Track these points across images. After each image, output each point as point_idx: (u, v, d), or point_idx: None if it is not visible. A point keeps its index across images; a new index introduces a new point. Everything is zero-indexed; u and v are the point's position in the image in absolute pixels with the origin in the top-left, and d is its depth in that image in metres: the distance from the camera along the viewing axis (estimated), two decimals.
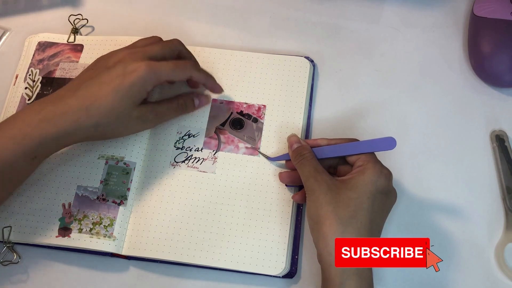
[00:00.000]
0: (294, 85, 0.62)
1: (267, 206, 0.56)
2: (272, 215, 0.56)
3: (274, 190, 0.57)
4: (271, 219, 0.55)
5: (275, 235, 0.55)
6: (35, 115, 0.50)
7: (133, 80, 0.51)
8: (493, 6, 0.63)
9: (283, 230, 0.55)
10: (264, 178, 0.57)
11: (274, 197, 0.56)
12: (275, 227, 0.55)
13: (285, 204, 0.56)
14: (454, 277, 0.54)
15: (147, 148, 0.60)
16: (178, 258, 0.55)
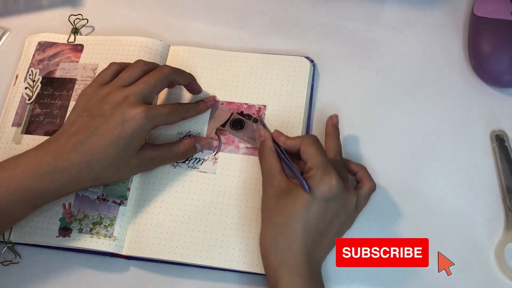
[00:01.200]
0: (294, 85, 0.62)
1: None
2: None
3: None
4: None
5: None
6: (37, 168, 0.50)
7: (132, 130, 0.51)
8: (493, 6, 0.63)
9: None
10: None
11: None
12: None
13: None
14: (454, 277, 0.54)
15: None
16: (178, 258, 0.55)
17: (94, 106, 0.53)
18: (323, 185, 0.48)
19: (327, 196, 0.49)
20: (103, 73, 0.56)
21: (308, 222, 0.48)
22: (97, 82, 0.56)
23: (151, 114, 0.52)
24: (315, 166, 0.50)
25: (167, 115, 0.54)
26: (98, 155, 0.51)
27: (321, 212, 0.49)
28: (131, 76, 0.55)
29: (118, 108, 0.52)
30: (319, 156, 0.50)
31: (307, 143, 0.52)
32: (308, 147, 0.51)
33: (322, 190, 0.48)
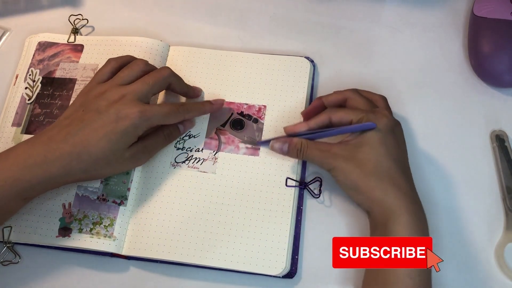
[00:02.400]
0: (294, 85, 0.62)
1: (267, 206, 0.56)
2: (272, 215, 0.56)
3: (274, 190, 0.57)
4: (271, 219, 0.55)
5: (275, 235, 0.55)
6: (26, 158, 0.50)
7: (126, 127, 0.51)
8: (493, 6, 0.63)
9: (283, 230, 0.55)
10: (265, 178, 0.57)
11: (274, 197, 0.56)
12: (275, 227, 0.55)
13: (285, 204, 0.56)
14: (454, 277, 0.54)
15: None
16: (178, 258, 0.55)
17: (91, 101, 0.54)
18: (382, 118, 0.52)
19: (390, 126, 0.52)
20: (101, 70, 0.57)
21: (393, 155, 0.51)
22: (96, 79, 0.56)
23: (147, 115, 0.52)
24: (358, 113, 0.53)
25: (164, 116, 0.54)
26: (90, 147, 0.51)
27: (394, 141, 0.52)
28: (130, 75, 0.55)
29: (114, 105, 0.52)
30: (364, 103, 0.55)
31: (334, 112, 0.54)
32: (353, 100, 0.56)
33: (384, 122, 0.52)
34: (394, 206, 0.49)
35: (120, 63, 0.57)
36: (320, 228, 0.57)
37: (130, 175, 0.58)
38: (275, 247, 0.54)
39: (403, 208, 0.49)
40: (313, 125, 0.55)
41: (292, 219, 0.56)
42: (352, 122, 0.53)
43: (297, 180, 0.57)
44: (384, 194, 0.50)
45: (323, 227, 0.57)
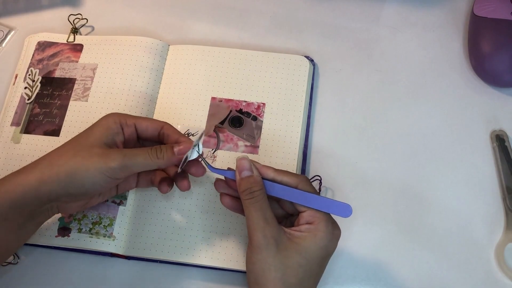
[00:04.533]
0: (294, 83, 0.62)
1: None
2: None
3: None
4: None
5: None
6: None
7: (97, 122, 0.49)
8: (493, 6, 0.63)
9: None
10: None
11: None
12: None
13: None
14: (454, 277, 0.54)
15: None
16: (177, 258, 0.54)
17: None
18: (335, 239, 0.47)
19: (333, 250, 0.47)
20: None
21: (318, 277, 0.47)
22: None
23: (120, 115, 0.50)
24: (322, 217, 0.46)
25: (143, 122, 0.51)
26: (60, 147, 0.49)
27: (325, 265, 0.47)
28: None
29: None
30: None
31: (306, 184, 0.48)
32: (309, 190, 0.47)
33: (333, 245, 0.47)
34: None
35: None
36: None
37: None
38: None
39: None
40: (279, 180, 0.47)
41: None
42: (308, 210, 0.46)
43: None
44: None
45: None
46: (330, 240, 0.46)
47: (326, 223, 0.46)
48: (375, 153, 0.60)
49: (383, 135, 0.61)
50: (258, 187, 0.46)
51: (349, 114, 0.62)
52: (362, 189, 0.58)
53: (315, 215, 0.46)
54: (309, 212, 0.46)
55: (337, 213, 0.46)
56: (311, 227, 0.46)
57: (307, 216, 0.46)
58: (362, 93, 0.63)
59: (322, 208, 0.46)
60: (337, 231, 0.47)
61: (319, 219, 0.46)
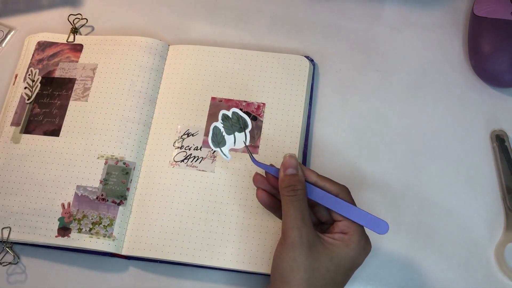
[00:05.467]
0: (293, 83, 0.62)
1: None
2: (271, 214, 0.55)
3: None
4: (271, 218, 0.55)
5: (275, 234, 0.55)
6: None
7: None
8: (493, 6, 0.63)
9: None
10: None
11: None
12: (275, 226, 0.55)
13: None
14: (454, 277, 0.54)
15: (146, 148, 0.60)
16: (178, 258, 0.54)
17: None
18: (365, 254, 0.47)
19: (361, 263, 0.47)
20: None
21: (343, 285, 0.47)
22: None
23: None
24: (357, 230, 0.46)
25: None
26: None
27: (350, 276, 0.48)
28: None
29: None
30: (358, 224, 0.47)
31: (346, 195, 0.48)
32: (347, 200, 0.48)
33: (362, 259, 0.47)
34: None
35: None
36: None
37: (129, 175, 0.58)
38: (275, 246, 0.54)
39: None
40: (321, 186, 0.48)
41: None
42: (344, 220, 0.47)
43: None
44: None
45: None
46: (360, 254, 0.46)
47: (360, 237, 0.46)
48: (375, 153, 0.60)
49: (383, 135, 0.61)
50: (301, 186, 0.47)
51: (349, 114, 0.62)
52: (362, 189, 0.58)
53: (351, 226, 0.46)
54: (345, 222, 0.47)
55: (374, 228, 0.47)
56: (345, 237, 0.46)
57: (342, 226, 0.47)
58: (362, 93, 0.63)
59: (359, 221, 0.47)
60: (368, 247, 0.47)
61: (354, 231, 0.46)
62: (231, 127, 0.51)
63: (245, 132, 0.50)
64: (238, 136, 0.51)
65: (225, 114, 0.51)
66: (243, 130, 0.51)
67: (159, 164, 0.59)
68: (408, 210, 0.57)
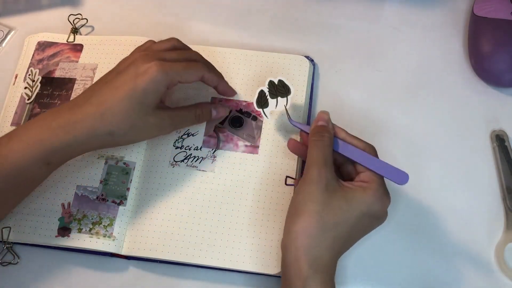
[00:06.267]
0: (294, 83, 0.61)
1: (267, 204, 0.56)
2: (272, 213, 0.55)
3: (274, 188, 0.57)
4: (271, 217, 0.55)
5: (275, 234, 0.55)
6: (51, 121, 0.50)
7: (145, 82, 0.50)
8: (493, 6, 0.63)
9: (283, 229, 0.55)
10: (264, 176, 0.57)
11: (274, 196, 0.56)
12: (275, 225, 0.55)
13: (285, 203, 0.56)
14: (454, 277, 0.54)
15: (146, 148, 0.60)
16: (178, 258, 0.54)
17: (117, 65, 0.54)
18: (382, 204, 0.48)
19: (379, 214, 0.49)
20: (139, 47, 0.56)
21: (354, 231, 0.48)
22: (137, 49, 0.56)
23: (165, 68, 0.51)
24: (377, 180, 0.49)
25: (183, 69, 0.52)
26: (113, 107, 0.50)
27: (366, 225, 0.49)
28: (161, 47, 0.55)
29: (134, 63, 0.51)
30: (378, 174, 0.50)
31: (372, 150, 0.51)
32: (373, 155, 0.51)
33: (378, 208, 0.48)
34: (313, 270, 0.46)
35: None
36: None
37: (129, 175, 0.58)
38: (275, 246, 0.54)
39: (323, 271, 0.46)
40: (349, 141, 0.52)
41: None
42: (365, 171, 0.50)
43: (297, 178, 0.57)
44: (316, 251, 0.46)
45: None
46: (376, 201, 0.48)
47: (378, 186, 0.49)
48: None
49: (383, 135, 0.61)
50: (328, 134, 0.51)
51: (349, 114, 0.62)
52: None
53: (371, 177, 0.49)
54: (367, 172, 0.50)
55: (393, 178, 0.49)
56: (364, 184, 0.49)
57: (363, 176, 0.50)
58: (362, 93, 0.63)
59: (380, 171, 0.49)
60: (385, 199, 0.49)
61: (374, 181, 0.49)
62: (276, 92, 0.55)
63: (287, 97, 0.55)
64: (280, 100, 0.55)
65: (272, 81, 0.55)
66: (285, 96, 0.55)
67: (159, 164, 0.59)
68: (408, 210, 0.57)
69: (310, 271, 0.46)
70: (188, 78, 0.53)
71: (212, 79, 0.56)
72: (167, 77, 0.51)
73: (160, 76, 0.50)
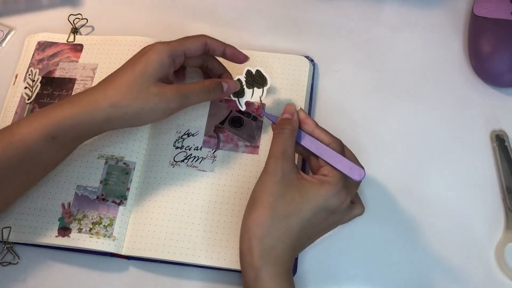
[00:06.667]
0: (294, 83, 0.62)
1: None
2: None
3: None
4: None
5: None
6: (59, 101, 0.52)
7: (147, 55, 0.52)
8: (493, 6, 0.63)
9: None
10: None
11: None
12: None
13: None
14: (454, 277, 0.54)
15: (146, 148, 0.60)
16: (178, 258, 0.55)
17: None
18: (338, 198, 0.48)
19: (336, 209, 0.48)
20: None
21: (308, 225, 0.48)
22: None
23: (169, 45, 0.53)
24: (337, 175, 0.48)
25: (184, 39, 0.55)
26: (116, 80, 0.51)
27: (322, 220, 0.49)
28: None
29: (143, 50, 0.54)
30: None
31: (337, 145, 0.50)
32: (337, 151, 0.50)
33: (335, 203, 0.48)
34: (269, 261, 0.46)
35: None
36: None
37: (129, 175, 0.58)
38: None
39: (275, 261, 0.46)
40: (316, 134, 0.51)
41: None
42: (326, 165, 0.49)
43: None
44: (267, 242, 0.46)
45: None
46: (333, 195, 0.47)
47: (338, 181, 0.48)
48: (375, 153, 0.60)
49: (383, 135, 0.61)
50: (290, 127, 0.50)
51: (349, 114, 0.62)
52: (362, 189, 0.58)
53: (332, 171, 0.48)
54: (328, 167, 0.49)
55: (350, 173, 0.48)
56: (323, 178, 0.48)
57: (324, 170, 0.49)
58: (362, 93, 0.63)
59: (337, 165, 0.48)
60: (344, 194, 0.48)
61: (334, 175, 0.48)
62: (253, 82, 0.55)
63: (263, 88, 0.55)
64: (256, 91, 0.55)
65: (249, 70, 0.55)
66: (262, 87, 0.55)
67: (159, 164, 0.59)
68: (408, 210, 0.57)
69: (261, 261, 0.46)
70: (191, 46, 0.54)
71: (217, 44, 0.56)
72: (169, 47, 0.53)
73: (162, 47, 0.52)
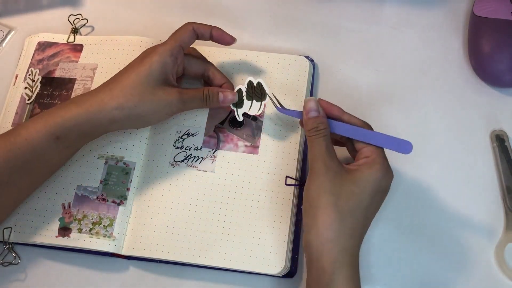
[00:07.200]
0: (294, 83, 0.62)
1: (267, 204, 0.56)
2: (272, 213, 0.55)
3: (274, 188, 0.57)
4: (271, 217, 0.55)
5: (275, 234, 0.55)
6: (65, 101, 0.53)
7: (152, 58, 0.53)
8: (493, 6, 0.63)
9: (283, 229, 0.55)
10: (264, 176, 0.57)
11: (274, 196, 0.56)
12: (275, 226, 0.55)
13: (285, 203, 0.56)
14: (454, 277, 0.54)
15: (146, 148, 0.60)
16: (178, 258, 0.55)
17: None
18: (389, 177, 0.49)
19: (387, 188, 0.49)
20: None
21: (369, 211, 0.48)
22: None
23: (168, 45, 0.54)
24: (380, 153, 0.49)
25: (175, 34, 0.55)
26: (121, 82, 0.52)
27: (379, 201, 0.50)
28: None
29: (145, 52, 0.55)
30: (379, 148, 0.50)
31: (368, 125, 0.51)
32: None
33: (387, 181, 0.49)
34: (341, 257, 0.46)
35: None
36: None
37: (129, 175, 0.58)
38: (275, 246, 0.54)
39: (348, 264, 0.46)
40: (346, 120, 0.52)
41: (292, 218, 0.56)
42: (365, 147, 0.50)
43: (297, 178, 0.57)
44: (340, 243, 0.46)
45: None
46: (384, 175, 0.48)
47: (383, 159, 0.49)
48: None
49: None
50: (323, 126, 0.50)
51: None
52: None
53: (373, 150, 0.49)
54: (367, 147, 0.50)
55: (397, 149, 0.49)
56: (368, 160, 0.49)
57: (365, 152, 0.50)
58: (362, 93, 0.63)
59: (382, 144, 0.49)
60: (390, 171, 0.49)
61: (377, 154, 0.49)
62: (252, 94, 0.56)
63: (261, 102, 0.56)
64: (254, 104, 0.56)
65: (251, 81, 0.55)
66: (261, 100, 0.56)
67: (159, 164, 0.59)
68: (408, 210, 0.57)
69: (336, 265, 0.46)
70: (183, 37, 0.55)
71: (203, 27, 0.57)
72: (168, 47, 0.54)
73: (163, 49, 0.54)
